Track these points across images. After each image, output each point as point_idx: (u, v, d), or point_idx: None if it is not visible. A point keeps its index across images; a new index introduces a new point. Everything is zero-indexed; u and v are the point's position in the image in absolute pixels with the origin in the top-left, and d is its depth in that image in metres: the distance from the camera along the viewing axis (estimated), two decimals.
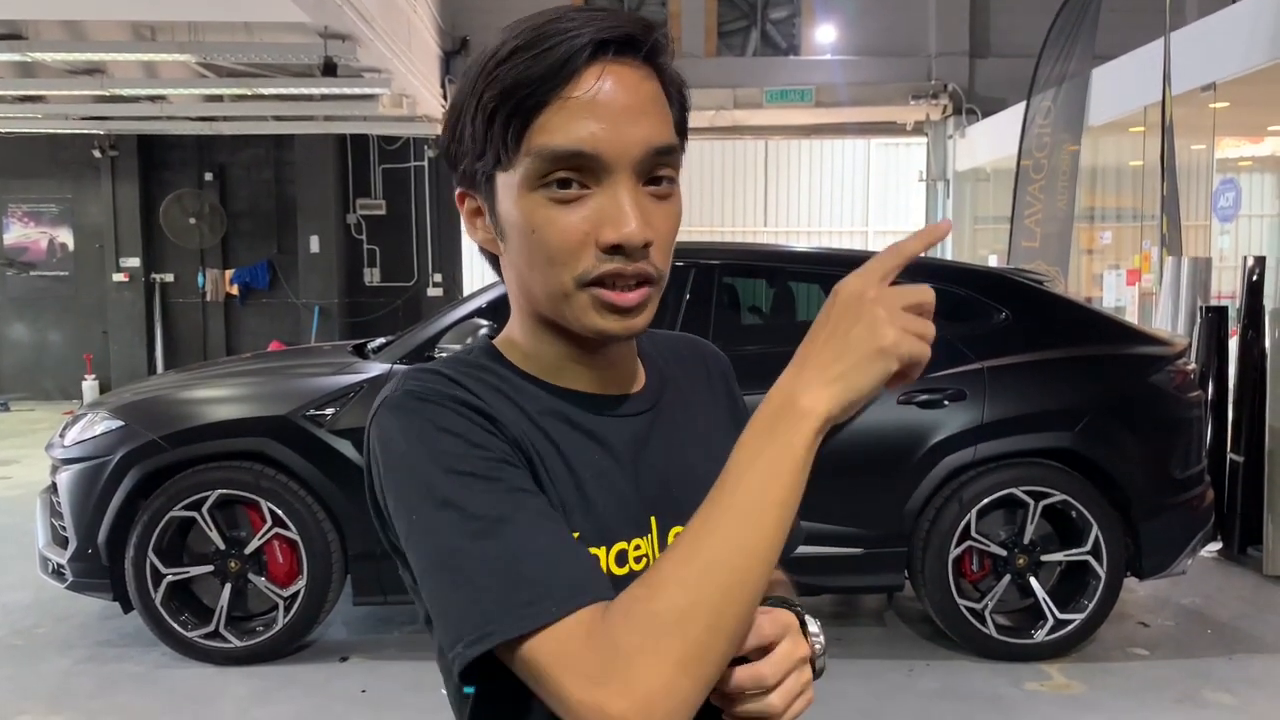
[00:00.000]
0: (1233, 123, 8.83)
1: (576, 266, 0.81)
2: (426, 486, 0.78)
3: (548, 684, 0.72)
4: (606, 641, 0.72)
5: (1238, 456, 5.19)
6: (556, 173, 0.80)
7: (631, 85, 0.81)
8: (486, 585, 0.74)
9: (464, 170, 0.86)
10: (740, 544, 0.73)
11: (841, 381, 0.75)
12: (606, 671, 0.71)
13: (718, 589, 0.72)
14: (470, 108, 0.82)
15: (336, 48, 7.75)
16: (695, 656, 0.71)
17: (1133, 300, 8.26)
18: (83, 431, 4.02)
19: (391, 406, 0.82)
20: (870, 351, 0.74)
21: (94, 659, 4.02)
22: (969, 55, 12.27)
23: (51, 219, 12.08)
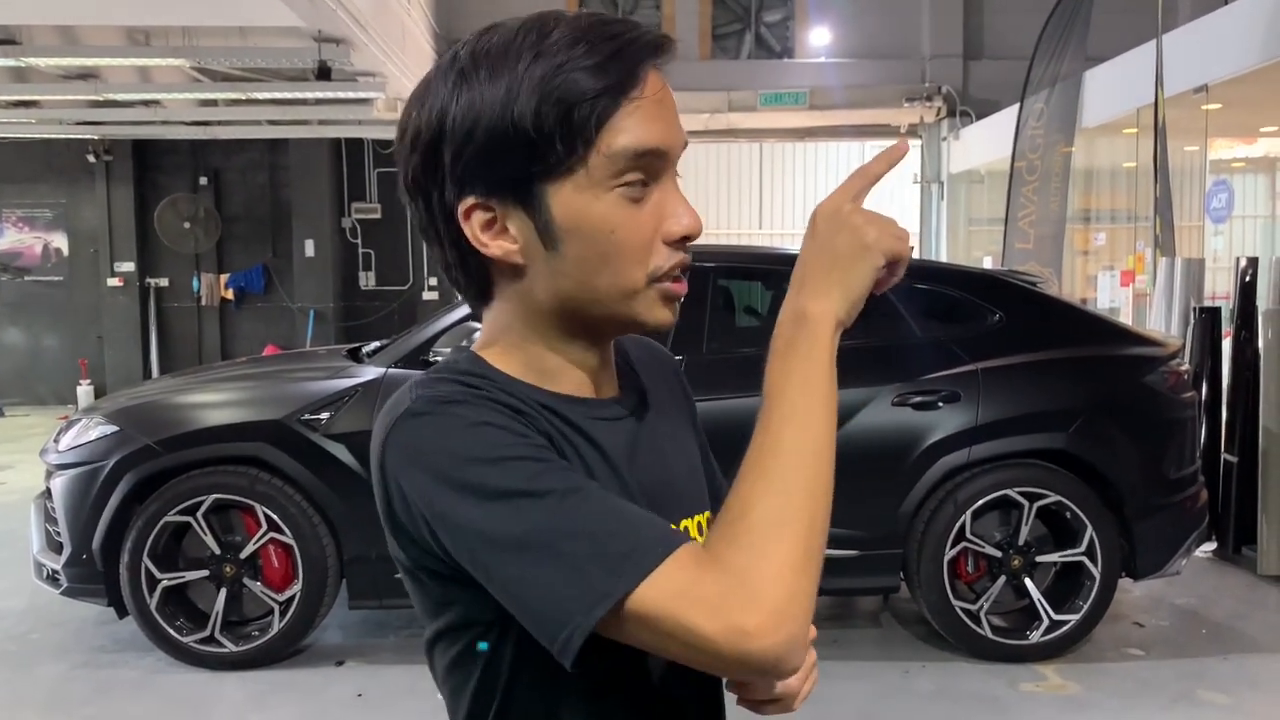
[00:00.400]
0: (1225, 124, 8.86)
1: (650, 262, 0.84)
2: (484, 482, 0.76)
3: (672, 627, 0.73)
4: (717, 568, 0.73)
5: (1231, 457, 5.20)
6: (631, 172, 0.82)
7: (666, 87, 0.85)
8: (580, 552, 0.74)
9: (490, 180, 0.82)
10: (804, 445, 0.77)
11: (839, 285, 0.81)
12: (728, 593, 0.72)
13: (802, 489, 0.76)
14: (518, 113, 0.79)
15: (331, 51, 7.75)
16: (804, 555, 0.74)
17: (1127, 301, 8.28)
18: (77, 437, 4.01)
19: (415, 414, 0.81)
20: (856, 251, 0.81)
21: (89, 665, 4.02)
22: (963, 57, 12.29)
23: (46, 224, 12.06)
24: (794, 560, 0.73)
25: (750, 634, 0.71)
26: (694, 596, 0.72)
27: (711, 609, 0.72)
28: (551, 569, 0.74)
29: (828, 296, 0.81)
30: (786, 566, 0.73)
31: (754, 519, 0.74)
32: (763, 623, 0.71)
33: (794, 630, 0.72)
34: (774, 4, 12.75)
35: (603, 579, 0.73)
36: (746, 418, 0.81)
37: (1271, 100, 8.07)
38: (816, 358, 0.80)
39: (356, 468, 3.80)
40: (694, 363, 3.76)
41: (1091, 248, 10.63)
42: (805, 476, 0.76)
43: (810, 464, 0.77)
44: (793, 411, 0.78)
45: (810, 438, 0.78)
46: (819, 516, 0.76)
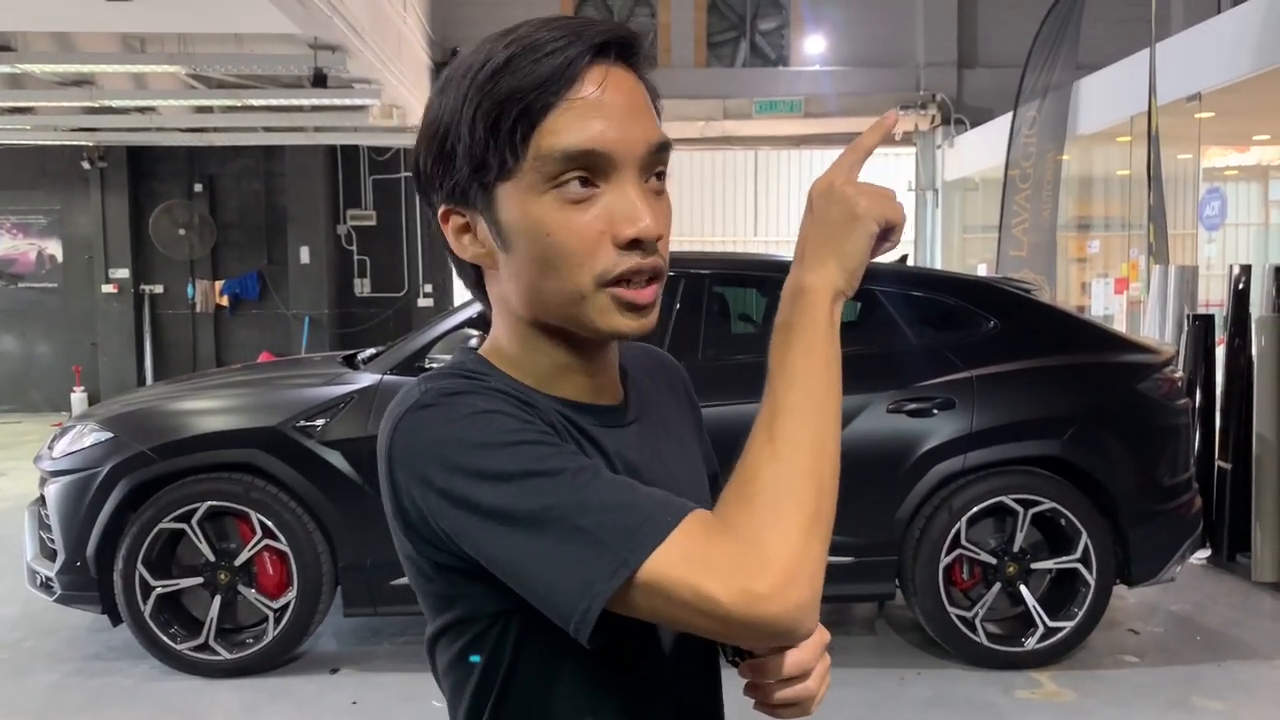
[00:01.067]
0: (1218, 132, 8.89)
1: (596, 266, 0.82)
2: (491, 467, 0.77)
3: (686, 593, 0.73)
4: (728, 532, 0.74)
5: (1225, 464, 5.21)
6: (568, 174, 0.81)
7: (628, 87, 0.84)
8: (595, 525, 0.75)
9: (453, 186, 0.85)
10: (808, 409, 0.78)
11: (835, 256, 0.82)
12: (739, 557, 0.73)
13: (808, 454, 0.77)
14: (464, 119, 0.82)
15: (326, 59, 7.75)
16: (813, 518, 0.75)
17: (1121, 308, 8.31)
18: (72, 443, 4.00)
19: (424, 405, 0.81)
20: (849, 221, 0.82)
21: (82, 672, 4.00)
22: (957, 66, 12.34)
23: (40, 230, 12.04)
24: (803, 523, 0.74)
25: (762, 597, 0.71)
26: (706, 562, 0.73)
27: (724, 573, 0.72)
28: (568, 543, 0.75)
29: (824, 268, 0.82)
30: (796, 530, 0.73)
31: (762, 483, 0.75)
32: (775, 585, 0.72)
33: (805, 593, 0.73)
34: (769, 12, 12.79)
35: (620, 548, 0.74)
36: (743, 424, 0.81)
37: (1264, 108, 8.11)
38: (816, 326, 0.81)
39: (352, 474, 3.80)
40: (689, 369, 3.76)
41: (1086, 255, 10.66)
42: (811, 441, 0.77)
43: (815, 428, 0.78)
44: (795, 378, 0.79)
45: (814, 403, 0.79)
46: (826, 480, 0.77)
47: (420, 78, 11.08)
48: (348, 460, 3.81)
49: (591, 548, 0.74)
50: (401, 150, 12.02)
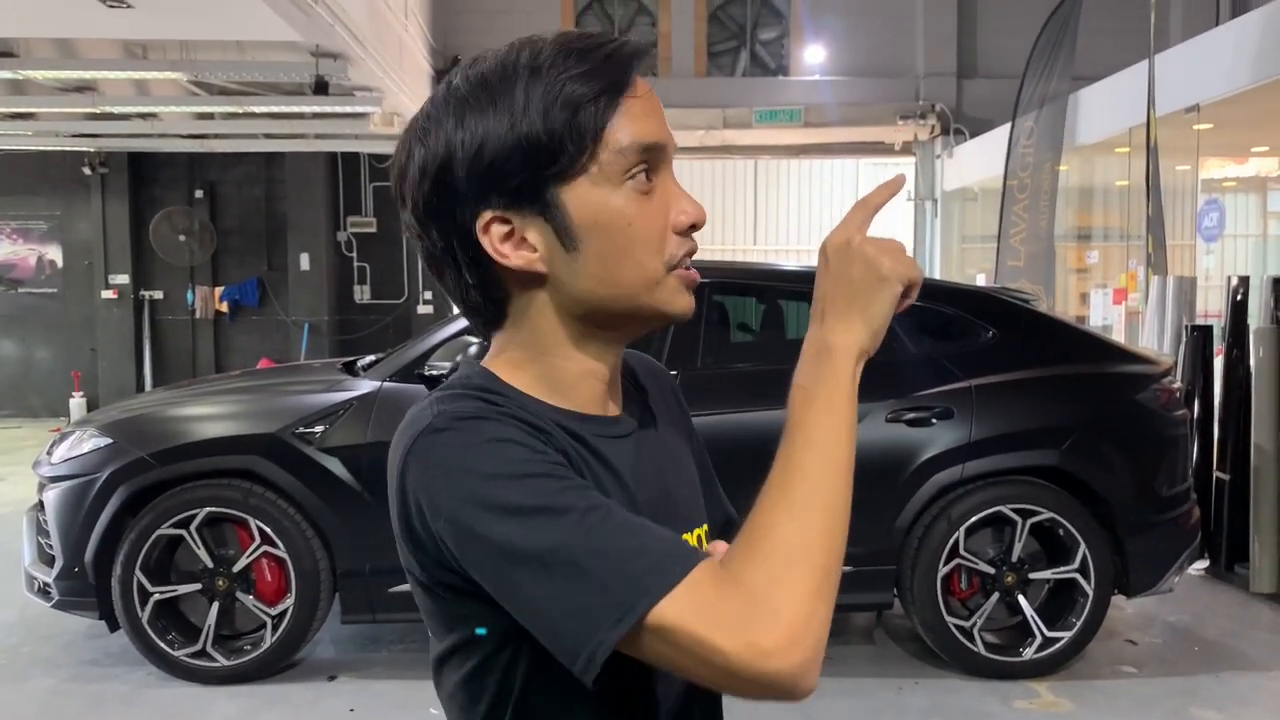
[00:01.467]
0: (1216, 144, 8.92)
1: (665, 251, 0.88)
2: (505, 500, 0.77)
3: (692, 643, 0.73)
4: (738, 585, 0.74)
5: (1223, 474, 5.22)
6: (638, 166, 0.86)
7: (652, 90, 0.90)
8: (603, 568, 0.75)
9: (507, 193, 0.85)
10: (825, 472, 0.80)
11: (861, 316, 0.84)
12: (748, 612, 0.73)
13: (822, 516, 0.78)
14: (529, 123, 0.83)
15: (328, 66, 7.78)
16: (823, 579, 0.76)
17: (1119, 319, 8.32)
18: (71, 449, 4.00)
19: (436, 430, 0.82)
20: (874, 282, 0.84)
21: (79, 678, 3.99)
22: (956, 76, 12.38)
23: (40, 236, 12.06)
24: (813, 584, 0.75)
25: (768, 653, 0.72)
26: (714, 613, 0.73)
27: (731, 626, 0.73)
28: (574, 585, 0.75)
29: (850, 328, 0.84)
30: (805, 590, 0.74)
31: (776, 541, 0.76)
32: (780, 643, 0.72)
33: (810, 653, 0.73)
34: (769, 22, 12.84)
35: (626, 595, 0.74)
36: (741, 432, 0.82)
37: (1262, 120, 8.13)
38: (839, 387, 0.83)
39: (351, 481, 3.80)
40: (688, 378, 3.77)
41: (1085, 265, 10.68)
42: (825, 504, 0.78)
43: (831, 490, 0.79)
44: (814, 439, 0.81)
45: (831, 465, 0.80)
46: (837, 542, 0.78)
47: (421, 85, 11.10)
48: (346, 467, 3.82)
49: (598, 593, 0.74)
50: None
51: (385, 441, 0.86)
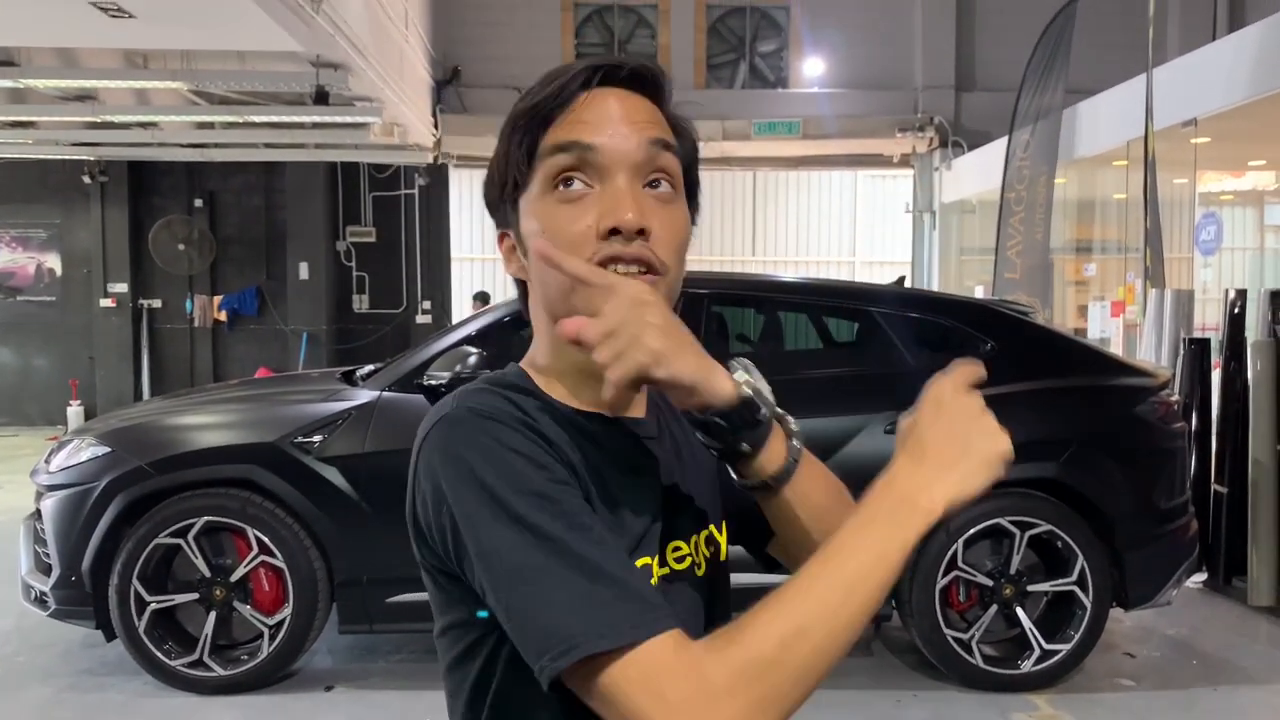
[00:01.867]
0: (1214, 157, 8.95)
1: (581, 255, 0.86)
2: (500, 504, 0.79)
3: (625, 704, 0.74)
4: (696, 674, 0.73)
5: (1221, 488, 5.22)
6: (561, 172, 0.88)
7: (627, 104, 0.90)
8: (566, 603, 0.76)
9: (500, 212, 0.94)
10: (837, 614, 0.76)
11: (961, 484, 0.81)
12: (692, 703, 0.72)
13: (809, 650, 0.75)
14: (500, 147, 0.92)
15: (328, 76, 7.80)
16: (775, 702, 0.74)
17: (1117, 331, 8.33)
18: (69, 457, 4.00)
19: (454, 422, 0.84)
20: (990, 458, 0.83)
21: (75, 688, 3.98)
22: (955, 89, 12.43)
23: (40, 244, 12.06)
24: (764, 702, 0.73)
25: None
26: (660, 687, 0.73)
27: (670, 707, 0.72)
28: (539, 608, 0.77)
29: (945, 490, 0.81)
30: (755, 706, 0.73)
31: (752, 654, 0.74)
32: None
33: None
34: (768, 34, 12.89)
35: (581, 634, 0.74)
36: None
37: (1259, 134, 8.17)
38: (903, 544, 0.79)
39: (349, 491, 3.80)
40: None
41: (1083, 278, 10.70)
42: (818, 641, 0.76)
43: (833, 631, 0.76)
44: (849, 579, 0.77)
45: (847, 609, 0.77)
46: (811, 675, 0.76)
47: (421, 96, 11.14)
48: (345, 476, 3.81)
49: (553, 624, 0.76)
50: (402, 168, 12.07)
51: (384, 451, 0.89)
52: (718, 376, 0.85)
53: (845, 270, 14.75)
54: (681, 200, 0.93)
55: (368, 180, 12.17)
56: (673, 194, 0.91)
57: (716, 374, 0.85)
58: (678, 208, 0.92)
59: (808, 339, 4.84)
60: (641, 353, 0.79)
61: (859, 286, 5.16)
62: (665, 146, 0.90)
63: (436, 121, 11.85)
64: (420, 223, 12.29)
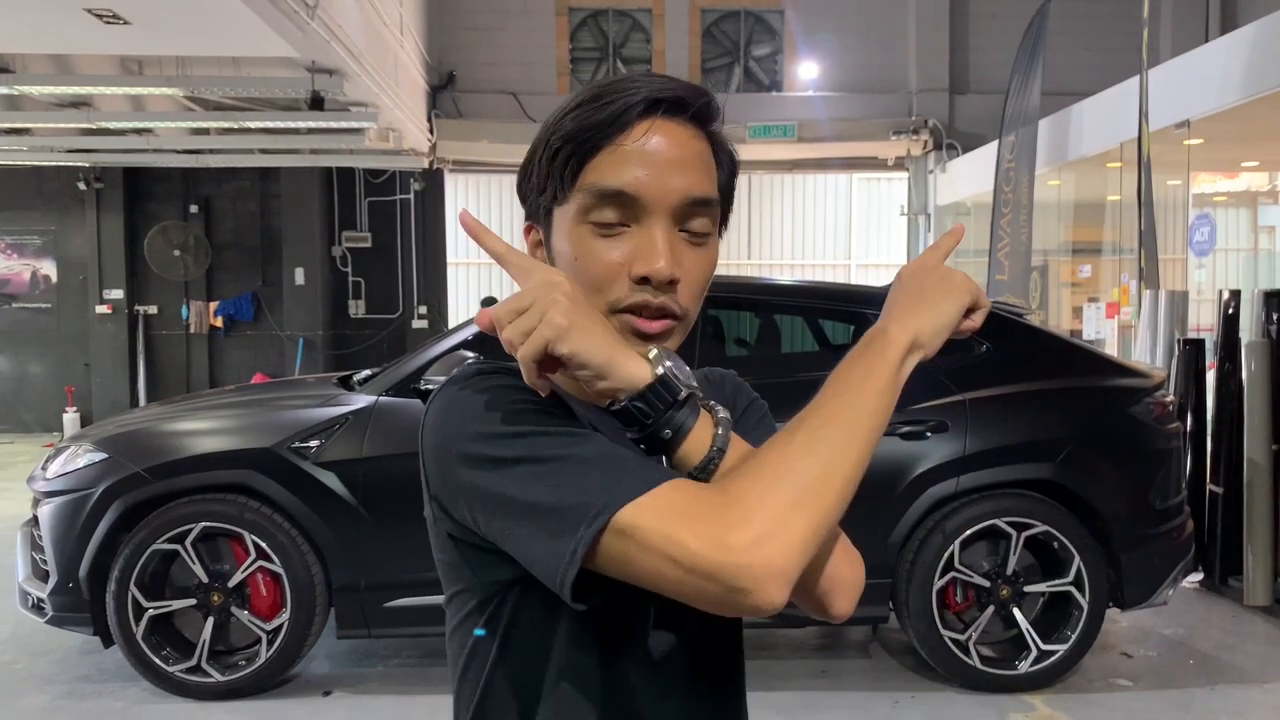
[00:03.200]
0: (1207, 159, 8.99)
1: (610, 294, 0.90)
2: (506, 427, 0.83)
3: (659, 537, 0.75)
4: (718, 490, 0.77)
5: (1217, 488, 5.23)
6: (603, 209, 0.90)
7: (679, 141, 0.91)
8: (589, 475, 0.79)
9: (530, 205, 0.97)
10: (843, 418, 0.81)
11: (926, 312, 0.89)
12: (719, 509, 0.75)
13: (825, 448, 0.78)
14: (540, 150, 0.93)
15: (323, 82, 7.80)
16: (807, 498, 0.76)
17: (1112, 333, 8.36)
18: (66, 464, 3.99)
19: (458, 381, 0.90)
20: (946, 288, 0.91)
21: (73, 694, 3.98)
22: (949, 91, 12.46)
23: (35, 251, 12.05)
24: (795, 499, 0.75)
25: (731, 547, 0.72)
26: (685, 511, 0.75)
27: (699, 521, 0.74)
28: (563, 489, 0.79)
29: (911, 318, 0.88)
30: (784, 500, 0.75)
31: (769, 459, 0.78)
32: (746, 540, 0.72)
33: (776, 558, 0.73)
34: (763, 38, 12.91)
35: (606, 494, 0.77)
36: None
37: (1252, 135, 8.20)
38: (884, 364, 0.85)
39: (347, 496, 3.80)
40: None
41: (1078, 279, 10.73)
42: (833, 444, 0.79)
43: (844, 434, 0.79)
44: (844, 391, 0.83)
45: (852, 415, 0.81)
46: (835, 482, 0.77)
47: (417, 101, 11.14)
48: (342, 481, 3.81)
49: (580, 494, 0.78)
50: (397, 173, 12.07)
51: (381, 456, 0.91)
52: (629, 359, 0.83)
53: (841, 273, 14.77)
54: (714, 237, 0.95)
55: (363, 185, 12.17)
56: (707, 235, 0.94)
57: (628, 356, 0.83)
58: (708, 248, 0.94)
59: (804, 342, 4.85)
60: (547, 328, 0.79)
61: (854, 289, 5.17)
62: (705, 204, 0.92)
63: (432, 126, 11.86)
64: (416, 228, 12.29)
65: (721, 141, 0.96)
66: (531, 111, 11.60)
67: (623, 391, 0.83)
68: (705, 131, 0.94)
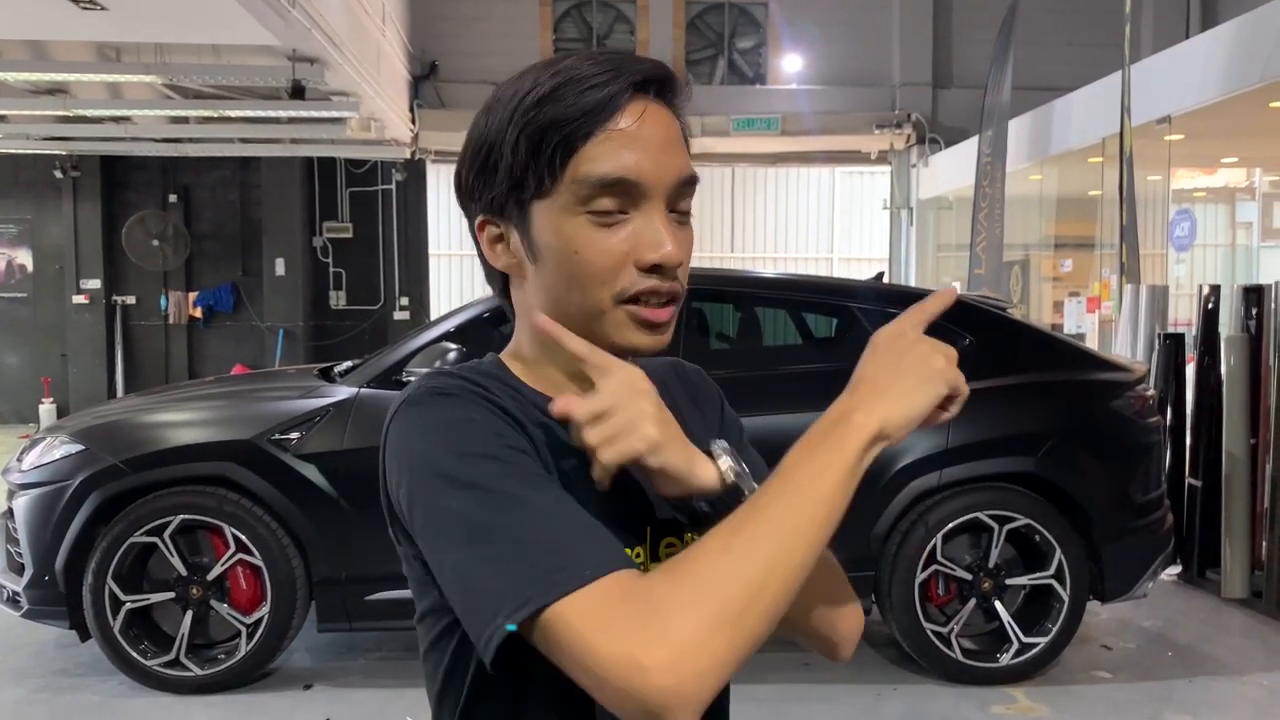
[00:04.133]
0: (1187, 154, 9.05)
1: (616, 284, 0.87)
2: (449, 472, 0.80)
3: (576, 644, 0.72)
4: (644, 598, 0.72)
5: (1195, 481, 5.28)
6: (600, 198, 0.86)
7: (665, 122, 0.89)
8: (517, 557, 0.75)
9: (490, 199, 0.90)
10: (786, 525, 0.75)
11: (897, 400, 0.80)
12: (641, 623, 0.70)
13: (761, 560, 0.73)
14: (507, 140, 0.87)
15: (305, 71, 7.74)
16: (732, 618, 0.71)
17: (1093, 327, 8.41)
18: (41, 455, 3.95)
19: (412, 403, 0.86)
20: (924, 374, 0.82)
21: (49, 688, 3.94)
22: (932, 85, 12.50)
23: (10, 240, 11.90)
24: (719, 618, 0.71)
25: (643, 668, 0.69)
26: (608, 619, 0.71)
27: (616, 634, 0.70)
28: (490, 568, 0.75)
29: (879, 406, 0.80)
30: (708, 619, 0.70)
31: (700, 566, 0.73)
32: (660, 661, 0.69)
33: (691, 684, 0.69)
34: (747, 31, 12.90)
35: (530, 586, 0.73)
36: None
37: (1231, 132, 8.26)
38: (843, 459, 0.78)
39: (327, 488, 3.77)
40: None
41: (1059, 273, 10.80)
42: (770, 551, 0.73)
43: (784, 543, 0.74)
44: (793, 492, 0.77)
45: (796, 521, 0.75)
46: (768, 590, 0.73)
47: (399, 91, 11.07)
48: (324, 473, 3.78)
49: (505, 580, 0.74)
50: (379, 163, 12.00)
51: (362, 448, 0.89)
52: (702, 466, 0.85)
53: (824, 267, 14.81)
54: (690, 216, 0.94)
55: (344, 175, 12.09)
56: (688, 213, 0.92)
57: (701, 463, 0.85)
58: (690, 228, 0.93)
59: (786, 335, 4.85)
60: (638, 440, 0.81)
61: (837, 282, 5.18)
62: (692, 183, 0.90)
63: (414, 116, 11.79)
64: (398, 218, 12.22)
65: (684, 120, 0.94)
66: None
67: (695, 494, 0.84)
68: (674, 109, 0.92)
